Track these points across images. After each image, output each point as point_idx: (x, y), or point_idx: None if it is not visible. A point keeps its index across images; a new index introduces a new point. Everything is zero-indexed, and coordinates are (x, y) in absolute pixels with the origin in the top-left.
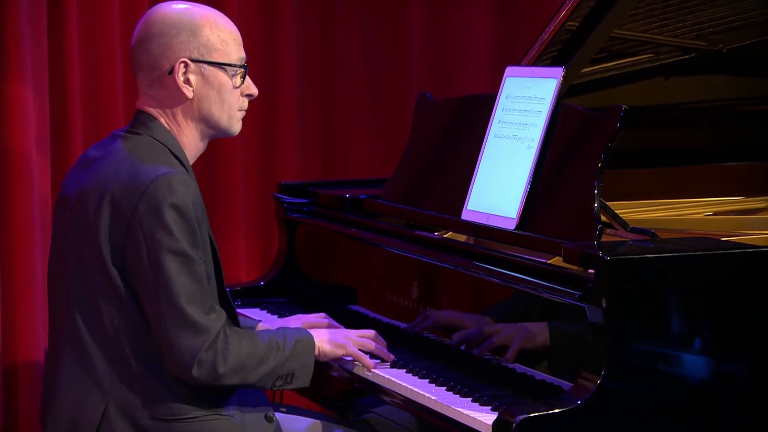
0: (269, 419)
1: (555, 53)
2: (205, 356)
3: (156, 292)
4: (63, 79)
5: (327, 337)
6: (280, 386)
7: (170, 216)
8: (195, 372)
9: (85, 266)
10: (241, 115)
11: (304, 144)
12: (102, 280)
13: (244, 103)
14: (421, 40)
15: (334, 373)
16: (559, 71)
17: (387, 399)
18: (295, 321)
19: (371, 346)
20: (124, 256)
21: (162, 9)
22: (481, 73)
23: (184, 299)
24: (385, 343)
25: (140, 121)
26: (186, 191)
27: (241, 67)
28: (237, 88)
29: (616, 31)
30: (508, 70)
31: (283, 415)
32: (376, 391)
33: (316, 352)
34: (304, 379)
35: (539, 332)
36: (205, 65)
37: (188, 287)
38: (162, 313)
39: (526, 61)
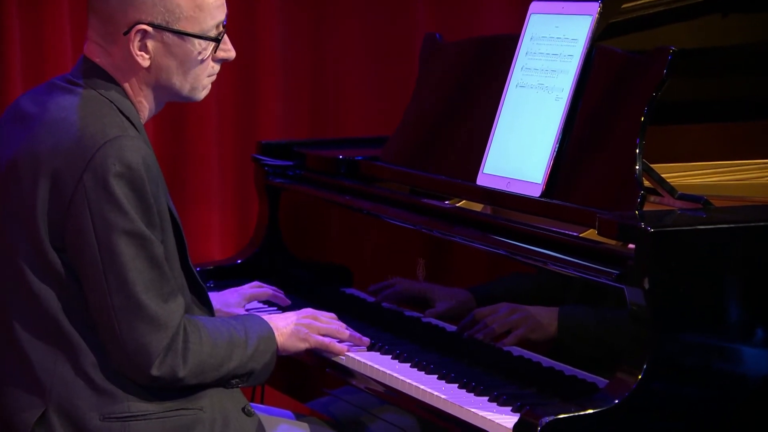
0: (248, 413)
1: None
2: (165, 357)
3: (106, 279)
4: None
5: (287, 329)
6: (234, 385)
7: (122, 190)
8: (155, 372)
9: (17, 248)
10: (209, 81)
11: (289, 95)
12: (38, 264)
13: (215, 68)
14: None
15: (311, 362)
16: (595, 6)
17: (386, 397)
18: (232, 294)
19: (344, 334)
20: (65, 236)
21: None
22: (501, 10)
23: (140, 288)
24: (359, 336)
25: (84, 71)
26: (138, 159)
27: (213, 40)
28: (204, 60)
29: None
30: (533, 5)
31: (266, 415)
32: (373, 389)
33: (277, 347)
34: (262, 378)
35: (569, 319)
36: (168, 33)
37: (145, 274)
38: (113, 303)
39: None
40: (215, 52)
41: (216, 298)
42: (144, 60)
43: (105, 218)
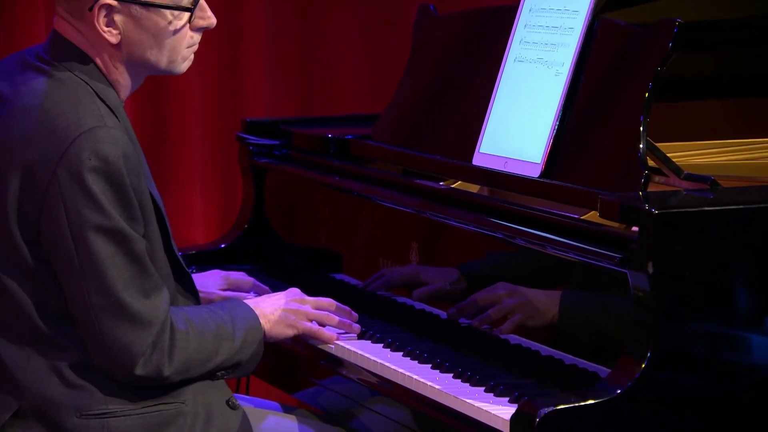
0: (233, 405)
1: None
2: (149, 355)
3: (84, 278)
4: None
5: (274, 316)
6: (220, 377)
7: (98, 185)
8: (139, 371)
9: None
10: (190, 53)
11: (276, 71)
12: (9, 258)
13: (195, 38)
14: None
15: (298, 350)
16: None
17: (378, 388)
18: (214, 277)
19: (333, 320)
20: (39, 231)
21: None
22: None
23: (120, 286)
24: (349, 310)
25: (57, 49)
26: (116, 151)
27: (186, 9)
28: (179, 30)
29: None
30: None
31: (251, 407)
32: (363, 379)
33: (263, 335)
34: (248, 369)
35: (569, 306)
36: (135, 6)
37: (124, 271)
38: (92, 302)
39: None
40: (192, 21)
41: (196, 280)
42: (112, 36)
43: (80, 215)
